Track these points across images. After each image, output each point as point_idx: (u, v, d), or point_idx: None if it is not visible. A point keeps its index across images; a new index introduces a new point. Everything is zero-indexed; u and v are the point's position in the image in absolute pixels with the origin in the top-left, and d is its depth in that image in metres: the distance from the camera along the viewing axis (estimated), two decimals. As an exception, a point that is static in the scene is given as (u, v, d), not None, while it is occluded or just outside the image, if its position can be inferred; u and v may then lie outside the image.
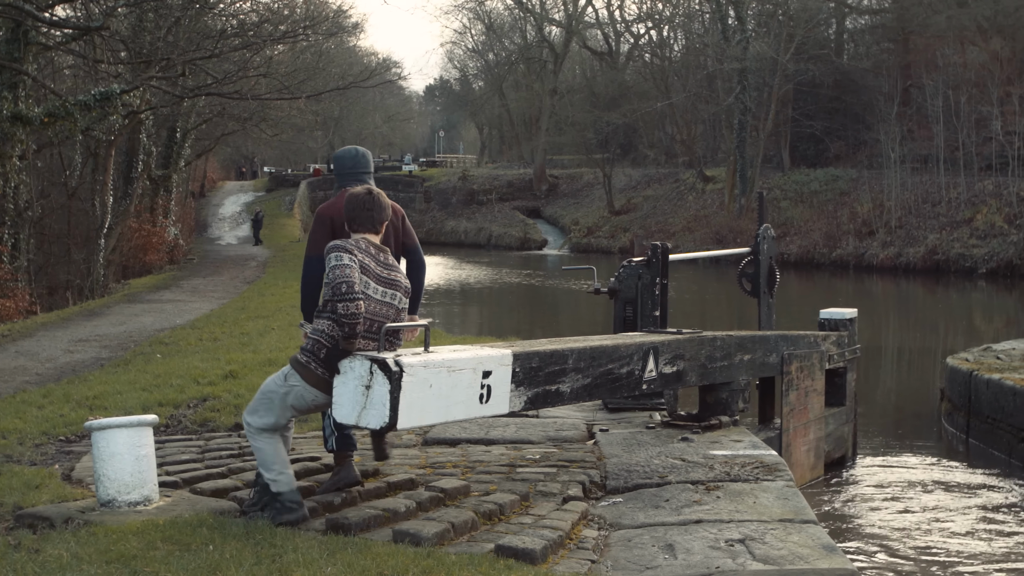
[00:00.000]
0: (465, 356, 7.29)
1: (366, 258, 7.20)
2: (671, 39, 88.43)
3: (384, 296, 7.29)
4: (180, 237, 52.10)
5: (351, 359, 6.80)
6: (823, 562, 6.55)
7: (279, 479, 7.20)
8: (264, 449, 7.26)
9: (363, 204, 7.44)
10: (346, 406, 6.79)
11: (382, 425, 6.69)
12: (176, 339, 20.36)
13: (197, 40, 32.98)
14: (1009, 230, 51.49)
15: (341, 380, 6.81)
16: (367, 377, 6.70)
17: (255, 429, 7.27)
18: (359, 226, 7.44)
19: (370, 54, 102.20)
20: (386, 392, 6.64)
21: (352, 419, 6.78)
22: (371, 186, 7.72)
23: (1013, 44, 62.11)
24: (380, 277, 7.28)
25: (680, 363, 9.75)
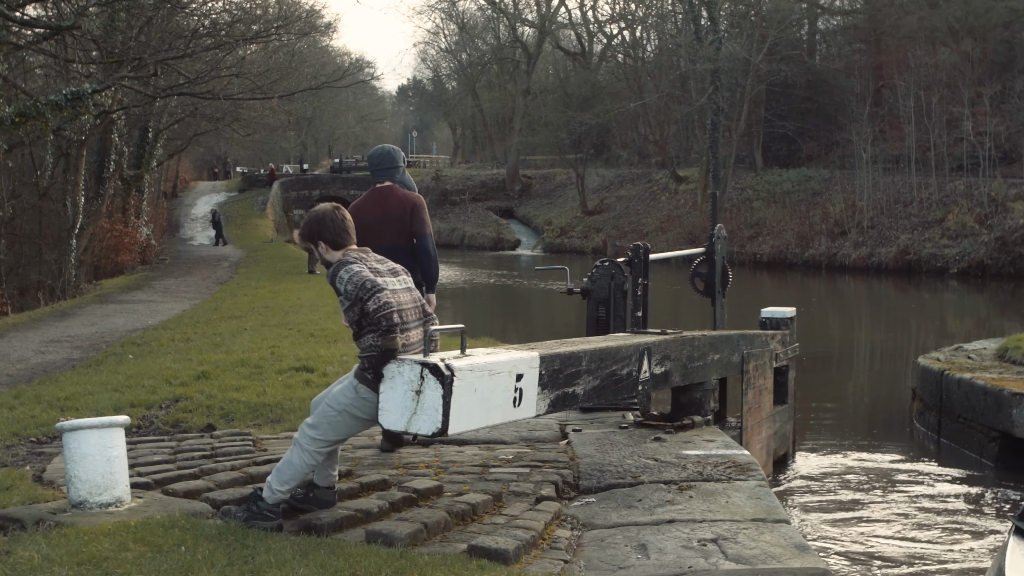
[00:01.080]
0: (503, 359, 7.25)
1: (368, 263, 7.17)
2: (644, 40, 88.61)
3: (400, 284, 7.26)
4: (152, 237, 51.91)
5: (398, 364, 6.70)
6: (795, 561, 6.56)
7: (278, 495, 7.09)
8: (297, 467, 7.10)
9: (334, 219, 7.38)
10: (394, 412, 6.67)
11: (434, 431, 6.61)
12: (148, 340, 20.28)
13: (169, 40, 32.82)
14: (980, 230, 51.73)
15: (388, 385, 6.69)
16: (417, 382, 6.60)
17: (320, 443, 7.12)
18: (340, 241, 7.34)
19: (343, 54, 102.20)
20: (439, 397, 6.55)
21: (401, 425, 6.67)
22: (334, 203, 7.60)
23: (984, 45, 62.42)
24: (388, 271, 7.27)
25: (667, 364, 9.77)
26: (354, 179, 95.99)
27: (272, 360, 15.31)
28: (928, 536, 12.00)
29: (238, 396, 12.41)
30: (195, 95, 36.66)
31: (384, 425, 6.76)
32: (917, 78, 61.56)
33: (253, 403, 12.07)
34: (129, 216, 47.67)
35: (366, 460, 9.26)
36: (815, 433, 18.37)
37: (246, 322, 22.47)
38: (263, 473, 8.35)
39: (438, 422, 6.56)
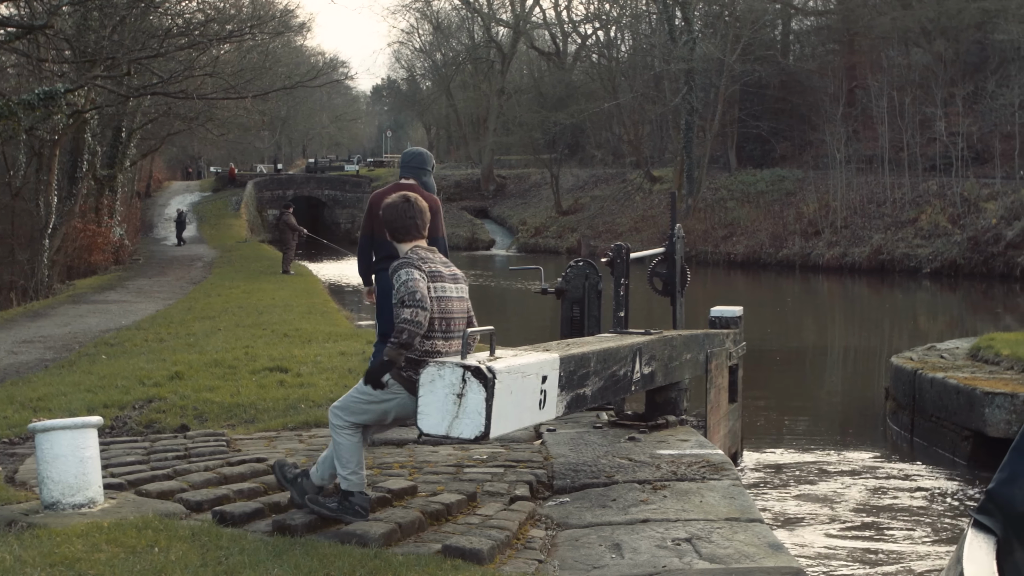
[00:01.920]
0: (532, 361, 7.23)
1: (436, 266, 7.17)
2: (618, 40, 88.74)
3: (457, 292, 7.25)
4: (125, 237, 51.69)
5: (438, 367, 6.64)
6: (769, 560, 6.58)
7: (352, 479, 7.13)
8: (346, 445, 7.14)
9: (404, 212, 7.36)
10: (434, 416, 6.60)
11: (477, 435, 6.56)
12: (121, 340, 20.21)
13: (142, 39, 32.68)
14: (953, 230, 51.95)
15: (428, 389, 6.61)
16: (459, 385, 6.53)
17: (345, 423, 7.14)
18: (405, 235, 7.36)
19: (317, 54, 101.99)
20: (482, 400, 6.49)
21: (442, 429, 6.61)
22: (407, 193, 7.60)
23: (956, 46, 62.69)
24: (450, 276, 7.24)
25: (653, 364, 9.80)
26: (328, 179, 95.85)
27: (246, 360, 15.27)
28: (901, 534, 12.04)
29: (212, 396, 12.38)
30: (168, 95, 36.54)
31: (423, 429, 6.69)
32: (890, 78, 61.79)
33: (227, 403, 12.04)
34: (102, 216, 47.46)
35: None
36: (789, 432, 18.42)
37: (220, 322, 22.41)
38: (237, 474, 8.34)
39: (481, 426, 6.51)
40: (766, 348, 28.81)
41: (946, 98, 58.17)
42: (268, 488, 8.01)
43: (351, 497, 7.12)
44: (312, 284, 35.81)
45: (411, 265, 7.00)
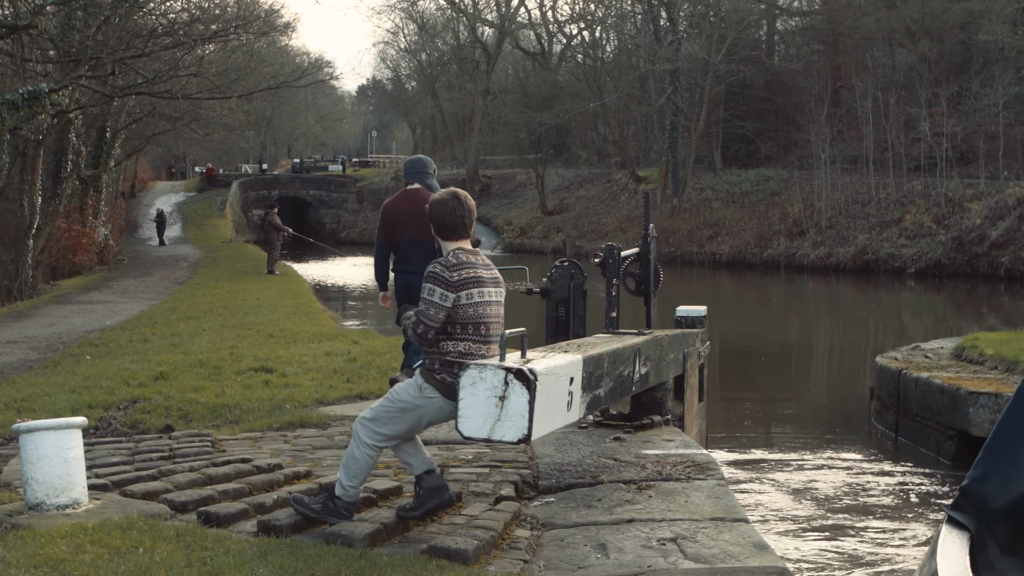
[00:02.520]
0: (563, 362, 7.21)
1: (477, 270, 7.11)
2: (603, 40, 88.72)
3: (496, 296, 7.22)
4: (110, 238, 51.61)
5: (480, 369, 6.59)
6: (754, 560, 6.58)
7: (351, 490, 7.09)
8: (360, 460, 7.07)
9: (452, 211, 7.26)
10: (476, 419, 6.55)
11: (519, 438, 6.52)
12: (106, 340, 20.18)
13: (127, 39, 32.65)
14: (937, 230, 52.06)
15: (469, 391, 6.55)
16: (501, 387, 6.49)
17: (375, 439, 7.08)
18: (451, 233, 7.28)
19: (302, 54, 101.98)
20: (525, 402, 6.45)
21: (484, 432, 6.56)
22: (456, 189, 7.50)
23: (941, 46, 62.82)
24: (492, 280, 7.20)
25: (648, 364, 9.83)
26: (313, 179, 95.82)
27: (231, 361, 15.26)
28: (886, 534, 12.06)
29: (196, 397, 12.37)
30: (153, 95, 36.47)
31: (464, 433, 6.64)
32: (875, 79, 61.90)
33: (212, 404, 12.03)
34: (87, 216, 47.36)
35: (325, 461, 9.24)
36: (774, 432, 18.45)
37: (205, 322, 22.39)
38: (222, 474, 8.33)
39: (524, 428, 6.48)
40: (751, 348, 28.86)
41: (930, 98, 58.30)
42: (253, 489, 8.00)
43: (337, 500, 7.08)
44: (297, 284, 35.79)
45: (438, 281, 6.96)
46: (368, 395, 12.78)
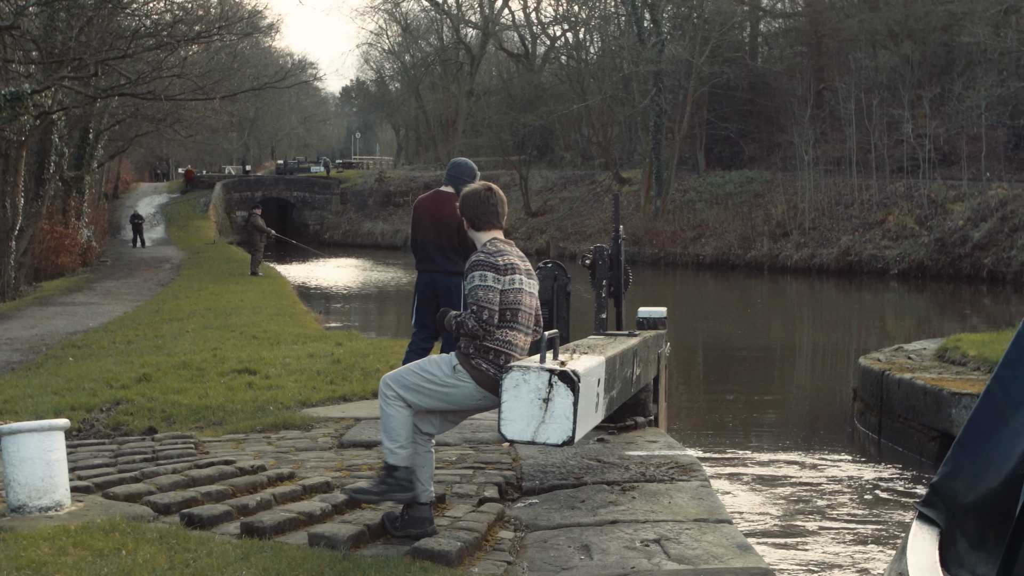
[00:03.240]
0: (594, 364, 7.22)
1: (511, 258, 7.12)
2: (587, 41, 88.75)
3: (531, 287, 7.22)
4: (93, 239, 51.47)
5: (523, 371, 6.56)
6: (737, 561, 6.59)
7: (400, 452, 6.99)
8: (395, 417, 6.99)
9: (485, 200, 7.34)
10: (519, 421, 6.53)
11: (564, 440, 6.50)
12: (89, 342, 20.15)
13: (110, 40, 32.57)
14: (920, 231, 52.20)
15: (512, 394, 6.53)
16: (545, 390, 6.46)
17: (395, 394, 6.98)
18: (485, 224, 7.32)
19: (285, 55, 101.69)
20: (569, 404, 6.43)
21: (528, 435, 6.53)
22: (489, 183, 7.56)
23: (923, 48, 62.96)
24: (525, 270, 7.20)
25: (640, 365, 9.85)
26: (297, 180, 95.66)
27: (214, 362, 15.24)
28: (868, 535, 12.09)
29: (180, 399, 12.36)
30: (136, 96, 36.40)
31: (507, 436, 6.61)
32: (858, 81, 62.04)
33: (195, 405, 12.02)
34: (69, 218, 47.24)
35: (308, 462, 9.24)
36: (757, 433, 18.47)
37: (188, 324, 22.37)
38: (205, 476, 8.31)
39: (568, 430, 6.46)
40: (735, 348, 28.90)
41: (913, 100, 58.46)
42: (236, 490, 7.99)
43: (396, 472, 6.99)
44: (280, 286, 35.77)
45: (486, 267, 6.99)
46: (352, 396, 12.78)
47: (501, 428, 6.56)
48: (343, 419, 11.39)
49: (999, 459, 5.31)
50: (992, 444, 5.44)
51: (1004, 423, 5.44)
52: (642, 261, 60.76)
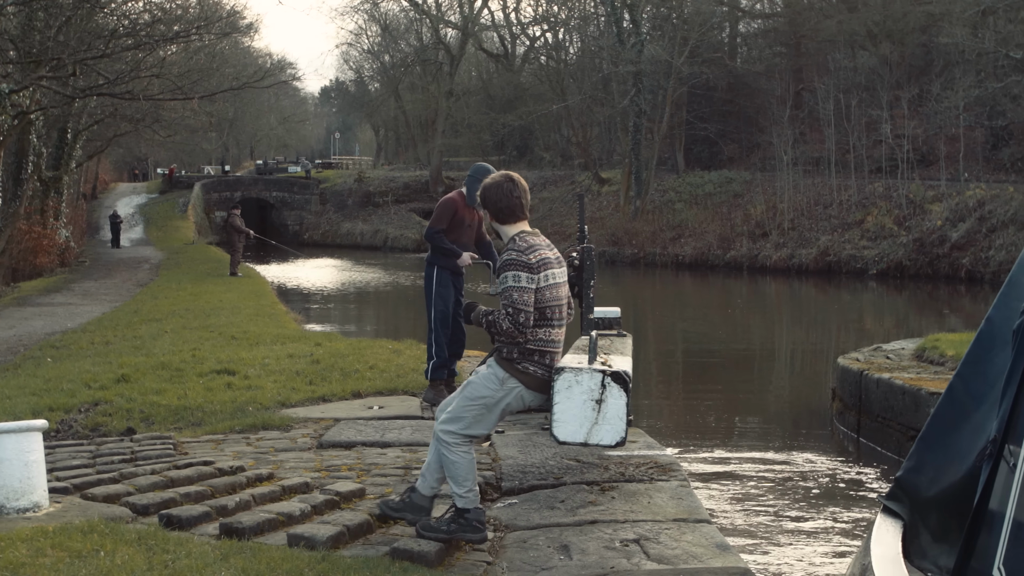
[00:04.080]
0: (629, 365, 7.24)
1: (542, 252, 7.04)
2: (566, 42, 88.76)
3: (563, 277, 7.16)
4: (71, 239, 51.32)
5: (575, 372, 6.56)
6: (716, 561, 6.61)
7: (469, 496, 6.92)
8: (461, 463, 6.89)
9: (508, 192, 7.24)
10: (572, 423, 6.52)
11: (617, 441, 6.51)
12: (67, 343, 20.09)
13: (88, 40, 32.45)
14: (898, 232, 52.32)
15: (565, 395, 6.51)
16: (598, 391, 6.47)
17: (460, 439, 6.89)
18: (509, 216, 7.23)
19: (265, 55, 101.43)
20: (622, 405, 6.44)
21: (580, 436, 6.53)
22: (509, 172, 7.48)
23: (902, 49, 63.15)
24: (556, 260, 7.13)
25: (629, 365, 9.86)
26: (276, 181, 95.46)
27: (193, 363, 15.21)
28: (847, 534, 12.12)
29: (158, 399, 12.33)
30: (115, 95, 36.28)
31: (560, 438, 6.60)
32: (836, 81, 62.16)
33: (174, 406, 11.99)
34: (48, 218, 47.08)
35: (287, 463, 9.23)
36: (736, 433, 18.49)
37: (167, 325, 22.31)
38: (184, 477, 8.30)
39: (621, 431, 6.48)
40: (714, 349, 28.93)
41: (892, 101, 58.60)
42: (215, 491, 7.98)
43: (467, 514, 6.92)
44: (260, 286, 35.70)
45: (519, 266, 6.90)
46: (331, 397, 12.76)
47: (553, 430, 6.57)
48: (322, 419, 11.38)
49: (961, 453, 5.48)
50: (954, 439, 5.59)
51: (966, 418, 5.59)
52: (621, 261, 60.82)
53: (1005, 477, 4.98)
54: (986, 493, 5.10)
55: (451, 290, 11.82)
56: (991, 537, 4.93)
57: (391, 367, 14.70)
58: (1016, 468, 4.89)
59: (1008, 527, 4.83)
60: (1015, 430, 5.03)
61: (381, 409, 11.97)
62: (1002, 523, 4.85)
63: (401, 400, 12.54)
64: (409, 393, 12.84)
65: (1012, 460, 4.94)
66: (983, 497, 5.11)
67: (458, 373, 12.54)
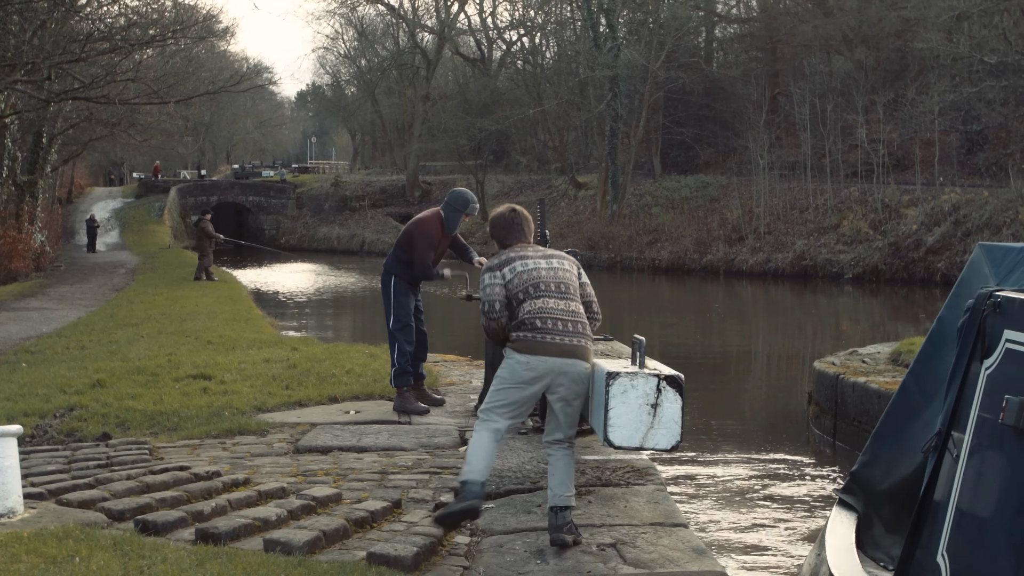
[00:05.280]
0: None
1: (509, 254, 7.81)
2: (543, 46, 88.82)
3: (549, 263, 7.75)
4: (47, 244, 51.12)
5: (631, 377, 6.58)
6: (693, 565, 6.62)
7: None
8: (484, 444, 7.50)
9: (510, 221, 8.09)
10: (627, 427, 6.51)
11: (673, 444, 6.52)
12: (42, 348, 20.02)
13: (64, 44, 32.33)
14: (874, 236, 52.48)
15: (620, 400, 6.51)
16: (653, 395, 6.47)
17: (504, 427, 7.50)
18: (513, 240, 8.02)
19: (241, 59, 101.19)
20: (678, 409, 6.46)
21: (636, 441, 6.53)
22: (513, 205, 8.33)
23: (877, 54, 63.37)
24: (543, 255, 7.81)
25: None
26: (252, 185, 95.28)
27: (169, 368, 15.17)
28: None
29: (134, 404, 12.29)
30: (90, 99, 36.16)
31: (615, 443, 6.61)
32: (812, 86, 62.34)
33: (150, 411, 11.95)
34: (23, 222, 46.88)
35: (264, 468, 9.21)
36: (713, 437, 18.51)
37: (143, 329, 22.25)
38: (159, 482, 8.27)
39: (676, 435, 6.49)
40: (691, 353, 28.95)
41: (867, 105, 58.77)
42: (191, 496, 7.96)
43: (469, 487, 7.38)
44: (236, 291, 35.64)
45: (486, 271, 7.69)
46: (307, 401, 12.74)
47: (609, 435, 6.57)
48: (299, 424, 11.37)
49: (912, 448, 5.76)
50: (906, 434, 5.79)
51: (917, 414, 5.79)
52: (598, 266, 60.82)
53: (949, 468, 5.27)
54: (931, 484, 5.40)
55: (410, 298, 11.93)
56: (935, 526, 5.22)
57: (368, 372, 14.69)
58: (959, 459, 5.20)
59: (951, 516, 5.11)
60: (958, 423, 5.33)
61: (357, 414, 11.97)
62: (946, 512, 5.14)
63: (378, 405, 12.53)
64: (386, 398, 12.83)
65: (955, 452, 5.25)
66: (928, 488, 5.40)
67: (425, 375, 12.68)
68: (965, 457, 5.17)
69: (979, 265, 6.01)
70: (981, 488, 5.02)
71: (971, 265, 6.16)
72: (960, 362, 5.41)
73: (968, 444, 5.18)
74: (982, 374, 5.25)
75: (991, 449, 5.01)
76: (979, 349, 5.33)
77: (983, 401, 5.16)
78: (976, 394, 5.23)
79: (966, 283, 6.13)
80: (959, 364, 5.41)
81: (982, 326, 5.34)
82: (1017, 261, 5.71)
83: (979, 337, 5.34)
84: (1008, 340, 5.11)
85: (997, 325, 5.24)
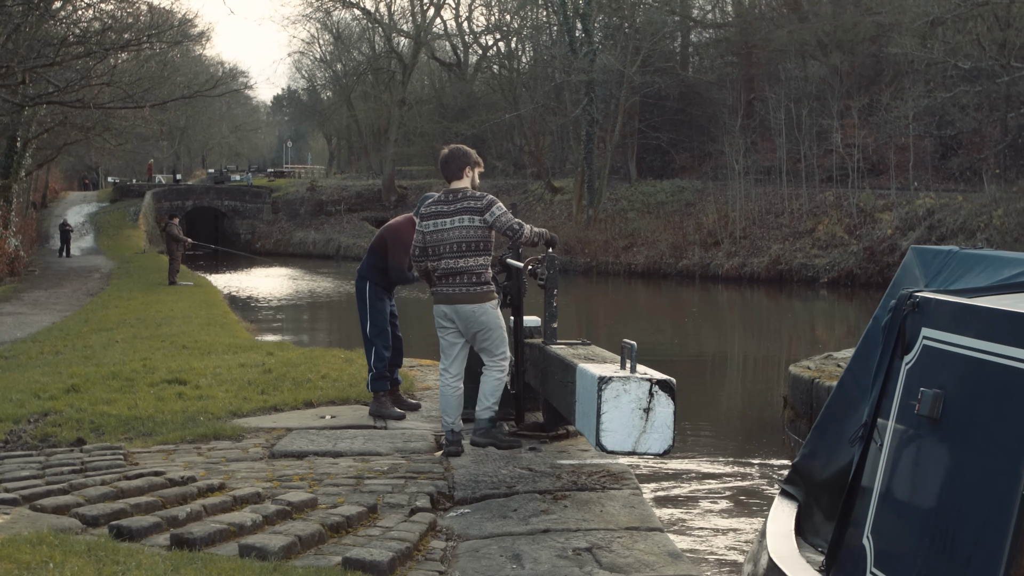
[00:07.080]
0: None
1: (434, 206, 10.16)
2: (519, 51, 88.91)
3: (457, 221, 9.98)
4: (21, 249, 50.89)
5: (624, 382, 6.58)
6: (669, 569, 6.62)
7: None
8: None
9: (444, 159, 10.25)
10: (620, 432, 6.52)
11: (665, 449, 6.55)
12: (16, 353, 19.94)
13: (38, 47, 32.23)
14: (849, 240, 52.64)
15: (612, 404, 6.52)
16: (646, 399, 6.49)
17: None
18: (448, 178, 10.28)
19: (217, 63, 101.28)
20: (670, 413, 6.49)
21: (628, 445, 6.55)
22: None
23: (852, 59, 63.62)
24: (459, 208, 10.05)
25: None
26: (228, 189, 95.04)
27: (144, 372, 15.13)
28: (799, 542, 12.16)
29: (109, 409, 12.24)
30: (65, 104, 36.04)
31: (607, 447, 6.62)
32: (787, 91, 62.53)
33: (124, 416, 11.91)
34: (-4, 227, 46.73)
35: (239, 473, 9.19)
36: (688, 442, 18.53)
37: (117, 334, 22.18)
38: (134, 487, 8.24)
39: (669, 439, 6.52)
40: (667, 358, 28.99)
41: (842, 110, 59.00)
42: (166, 502, 7.93)
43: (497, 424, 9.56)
44: (211, 295, 35.56)
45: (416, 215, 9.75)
46: (283, 407, 12.72)
47: (601, 440, 6.58)
48: (274, 429, 11.35)
49: (848, 440, 6.11)
50: (843, 426, 6.22)
51: (853, 408, 6.18)
52: (574, 270, 60.87)
53: (874, 456, 5.66)
54: (859, 471, 5.82)
55: (386, 303, 11.96)
56: (862, 510, 5.62)
57: (343, 376, 14.67)
58: (882, 448, 5.59)
59: (875, 500, 5.50)
60: (883, 415, 5.73)
61: (333, 419, 11.95)
62: (871, 497, 5.53)
63: (353, 409, 12.52)
64: (361, 402, 12.81)
65: (879, 441, 5.65)
66: (856, 475, 5.82)
67: (401, 380, 12.69)
68: (888, 446, 5.55)
69: (911, 267, 6.44)
70: (901, 474, 5.37)
71: (903, 267, 6.59)
72: (884, 358, 5.88)
73: (890, 434, 5.55)
74: (903, 369, 5.62)
75: (909, 438, 5.38)
76: (900, 346, 5.72)
77: (903, 394, 5.53)
78: (898, 388, 5.61)
79: (898, 284, 6.55)
80: (883, 360, 5.88)
81: (903, 325, 5.73)
82: (945, 263, 6.25)
83: (900, 335, 5.73)
84: (925, 337, 5.48)
85: (916, 323, 5.61)
